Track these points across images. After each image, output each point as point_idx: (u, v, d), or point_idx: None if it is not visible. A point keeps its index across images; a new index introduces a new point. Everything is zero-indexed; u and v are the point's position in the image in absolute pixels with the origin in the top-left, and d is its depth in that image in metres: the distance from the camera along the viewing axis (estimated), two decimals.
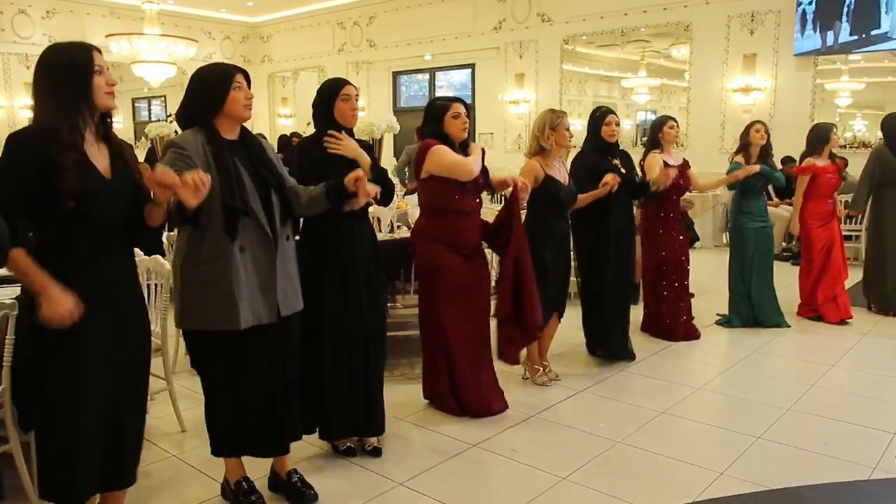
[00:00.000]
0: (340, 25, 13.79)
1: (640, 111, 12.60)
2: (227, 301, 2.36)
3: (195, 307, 2.41)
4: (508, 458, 3.08)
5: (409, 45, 12.75)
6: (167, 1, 12.18)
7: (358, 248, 2.96)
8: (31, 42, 11.93)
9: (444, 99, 3.42)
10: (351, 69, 13.67)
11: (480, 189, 3.46)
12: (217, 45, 14.75)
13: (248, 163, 2.46)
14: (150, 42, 10.21)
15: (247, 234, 2.37)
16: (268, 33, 15.17)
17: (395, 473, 2.92)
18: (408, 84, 13.68)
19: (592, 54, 11.49)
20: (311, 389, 2.91)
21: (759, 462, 3.03)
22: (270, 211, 2.47)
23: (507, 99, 11.54)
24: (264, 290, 2.44)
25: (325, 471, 2.96)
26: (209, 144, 2.37)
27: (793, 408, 3.64)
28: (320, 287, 2.88)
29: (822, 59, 8.86)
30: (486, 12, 11.69)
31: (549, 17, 11.02)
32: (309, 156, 2.93)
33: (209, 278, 2.37)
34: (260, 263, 2.43)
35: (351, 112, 2.94)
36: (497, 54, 11.70)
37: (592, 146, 4.25)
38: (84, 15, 12.58)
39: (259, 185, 2.45)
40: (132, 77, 11.22)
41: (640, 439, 3.26)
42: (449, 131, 3.32)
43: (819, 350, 4.72)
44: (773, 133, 8.83)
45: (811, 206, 5.32)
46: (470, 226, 3.43)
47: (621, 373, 4.22)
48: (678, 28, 9.89)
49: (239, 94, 2.43)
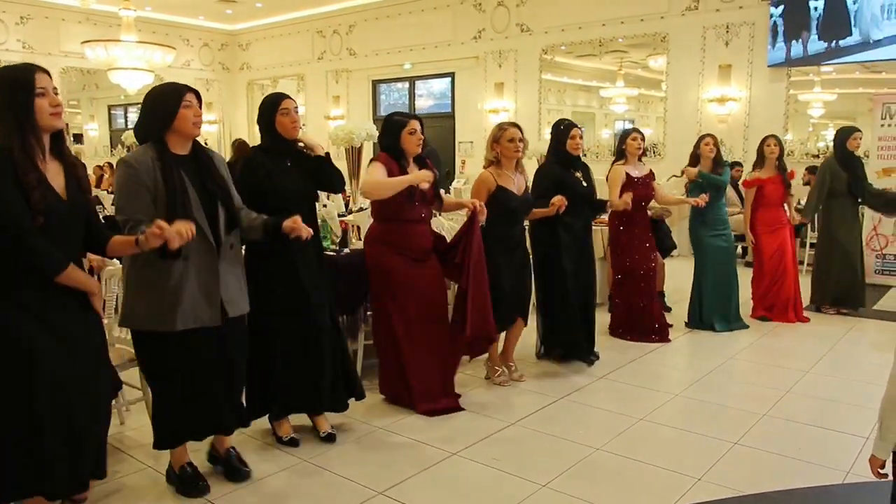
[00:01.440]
0: (320, 34, 13.78)
1: (618, 120, 12.70)
2: (164, 305, 2.54)
3: (136, 308, 2.60)
4: (488, 465, 3.08)
5: (388, 53, 12.78)
6: (144, 8, 12.07)
7: (303, 253, 3.10)
8: (6, 48, 11.75)
9: (401, 115, 3.66)
10: (330, 77, 13.65)
11: (430, 201, 3.68)
12: (195, 53, 14.66)
13: (196, 177, 2.62)
14: (127, 49, 10.10)
15: (190, 242, 2.42)
16: (247, 41, 15.11)
17: (376, 482, 2.90)
18: (387, 93, 13.68)
19: (571, 64, 11.60)
20: (262, 378, 3.12)
21: (736, 467, 3.06)
22: (215, 221, 2.63)
23: (486, 108, 11.60)
24: (207, 295, 2.61)
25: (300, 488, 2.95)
26: (159, 160, 2.54)
27: (768, 413, 3.69)
28: (270, 290, 3.07)
29: (794, 71, 9.04)
30: (465, 22, 11.76)
31: (529, 28, 11.11)
32: (256, 166, 3.08)
33: (150, 282, 2.55)
34: (203, 270, 2.60)
35: (291, 125, 3.12)
36: (476, 63, 11.77)
37: (556, 159, 4.37)
38: (59, 21, 12.42)
39: (205, 198, 2.62)
40: (109, 84, 11.10)
41: (619, 446, 3.28)
42: (404, 146, 3.56)
43: (793, 355, 4.78)
44: (748, 142, 9.08)
45: (759, 215, 5.68)
46: (419, 232, 3.65)
47: (600, 380, 4.25)
48: (655, 39, 10.03)
49: (188, 112, 2.58)
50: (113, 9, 10.59)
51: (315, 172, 3.19)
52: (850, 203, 5.81)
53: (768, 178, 5.61)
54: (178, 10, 13.27)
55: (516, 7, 11.18)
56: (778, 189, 5.61)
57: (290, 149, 3.17)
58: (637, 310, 5.04)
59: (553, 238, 4.26)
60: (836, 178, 5.73)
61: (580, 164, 4.43)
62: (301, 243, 2.93)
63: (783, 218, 5.69)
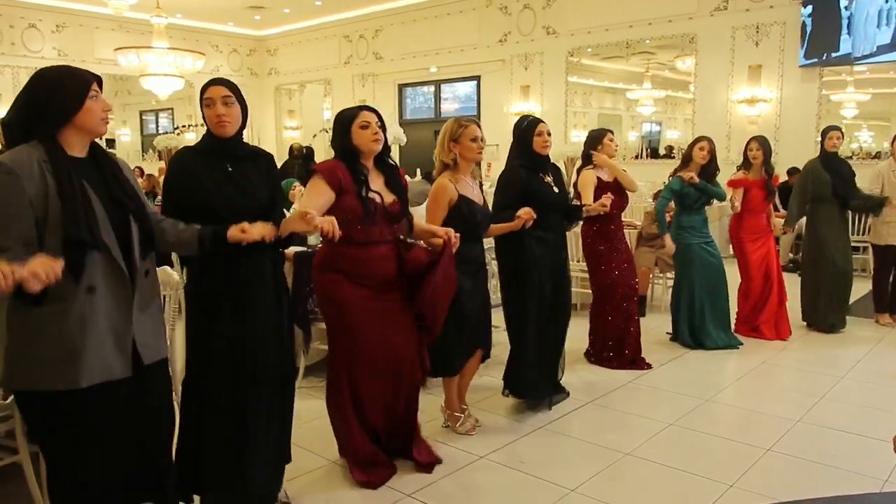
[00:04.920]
0: (347, 38, 13.88)
1: (644, 122, 12.62)
2: (64, 353, 1.92)
3: (25, 362, 1.94)
4: (516, 469, 3.06)
5: (414, 57, 12.83)
6: (175, 15, 12.30)
7: (256, 281, 2.49)
8: (41, 56, 12.05)
9: (351, 108, 2.92)
10: (357, 81, 13.75)
11: (394, 218, 2.86)
12: (224, 58, 14.88)
13: (99, 185, 2.02)
14: (159, 55, 10.29)
15: (96, 270, 1.94)
16: (275, 46, 15.29)
17: (405, 484, 2.90)
18: (413, 96, 13.74)
19: (597, 66, 11.55)
20: (196, 442, 2.48)
21: (769, 475, 3.01)
22: (128, 242, 2.04)
23: (512, 111, 11.57)
24: (117, 338, 2.00)
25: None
26: (50, 163, 1.92)
27: (802, 419, 3.62)
28: (210, 326, 2.44)
29: (827, 71, 8.89)
30: (491, 25, 11.76)
31: (555, 30, 11.08)
32: (188, 166, 2.46)
33: (43, 325, 1.91)
34: (112, 306, 1.99)
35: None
36: (502, 66, 11.76)
37: (521, 161, 3.65)
38: (93, 29, 12.72)
39: (113, 211, 2.02)
40: (140, 90, 11.32)
41: (649, 451, 3.24)
42: (357, 142, 2.81)
43: (827, 362, 4.69)
44: (779, 144, 8.94)
45: (744, 221, 5.20)
46: (378, 256, 2.82)
47: (629, 384, 4.21)
48: (683, 40, 9.93)
49: (96, 105, 2.01)
50: (145, 16, 10.79)
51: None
52: (837, 208, 5.35)
53: (753, 181, 5.13)
54: (208, 16, 13.48)
55: (542, 10, 11.15)
56: (760, 194, 5.15)
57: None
58: (617, 331, 4.50)
59: (522, 252, 3.54)
60: (819, 181, 5.30)
61: (549, 167, 3.75)
62: (257, 269, 2.42)
63: (767, 225, 5.24)
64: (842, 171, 5.36)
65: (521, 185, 3.58)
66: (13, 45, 11.89)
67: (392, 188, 2.89)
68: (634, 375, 4.33)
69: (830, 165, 5.33)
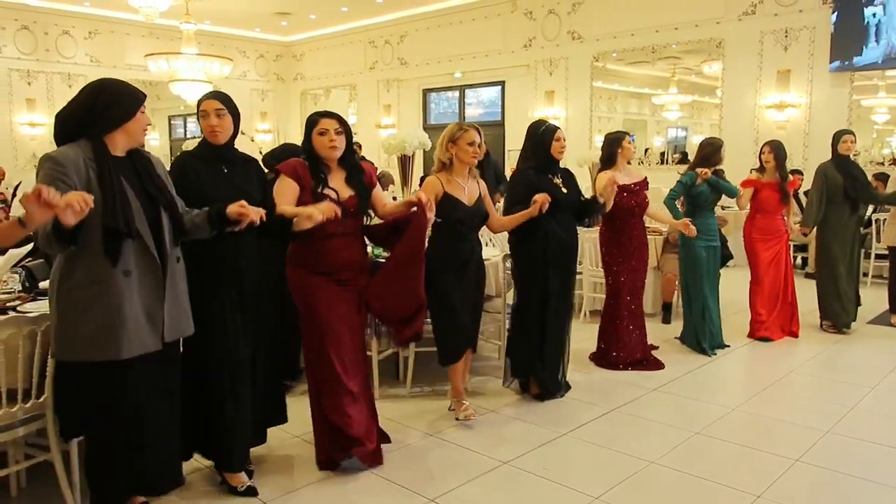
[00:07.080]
0: (372, 44, 13.97)
1: (670, 128, 12.51)
2: (106, 328, 2.22)
3: (71, 336, 2.24)
4: (540, 476, 3.05)
5: (439, 62, 12.87)
6: (204, 21, 12.49)
7: (241, 268, 2.76)
8: (74, 62, 12.32)
9: (315, 114, 3.06)
10: (382, 87, 13.83)
11: (355, 212, 3.04)
12: (251, 64, 15.05)
13: (135, 181, 2.33)
14: (188, 61, 10.46)
15: (132, 257, 2.25)
16: (301, 52, 15.44)
17: (425, 489, 2.91)
18: (437, 101, 13.77)
19: (623, 71, 11.48)
20: (198, 416, 2.75)
21: (798, 486, 2.96)
22: (159, 232, 2.35)
23: (536, 116, 11.55)
24: (150, 317, 2.31)
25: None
26: (94, 160, 2.23)
27: (832, 430, 3.56)
28: (199, 311, 2.63)
29: (858, 75, 8.73)
30: (516, 30, 11.76)
31: (580, 35, 11.04)
32: (188, 168, 2.78)
33: (87, 304, 2.22)
34: (146, 288, 2.31)
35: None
36: (527, 72, 11.74)
37: (532, 164, 3.88)
38: (124, 35, 12.95)
39: (147, 205, 2.33)
40: (169, 95, 11.49)
41: (674, 460, 3.21)
42: (315, 147, 2.98)
43: (853, 370, 4.60)
44: (808, 150, 8.80)
45: (757, 220, 5.31)
46: (334, 247, 2.99)
47: (653, 392, 4.17)
48: (710, 44, 9.83)
49: (143, 118, 2.38)
50: (174, 23, 10.97)
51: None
52: (847, 210, 5.39)
53: (766, 183, 5.22)
54: (236, 22, 13.66)
55: (567, 15, 11.12)
56: (773, 195, 5.21)
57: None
58: (624, 333, 4.56)
59: (536, 245, 3.76)
60: (831, 182, 5.35)
61: (559, 169, 3.95)
62: (238, 251, 2.70)
63: (781, 227, 5.30)
64: (855, 174, 5.43)
65: (528, 184, 3.76)
66: (47, 52, 12.16)
67: (351, 184, 3.05)
68: (658, 383, 4.30)
69: (843, 168, 5.40)
